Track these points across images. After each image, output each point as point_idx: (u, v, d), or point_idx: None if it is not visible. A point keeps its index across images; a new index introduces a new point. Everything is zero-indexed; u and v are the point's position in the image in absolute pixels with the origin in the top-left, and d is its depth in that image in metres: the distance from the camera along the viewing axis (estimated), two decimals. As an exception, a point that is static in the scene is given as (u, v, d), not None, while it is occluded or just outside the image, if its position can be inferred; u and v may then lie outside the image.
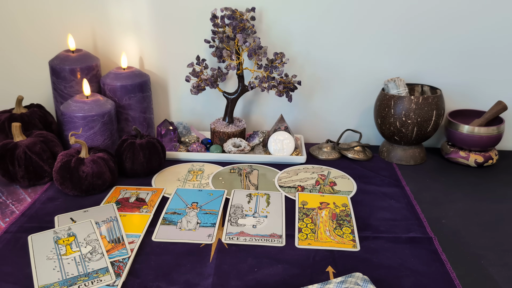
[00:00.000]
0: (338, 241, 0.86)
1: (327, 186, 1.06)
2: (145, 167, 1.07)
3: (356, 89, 1.26)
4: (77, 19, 1.22)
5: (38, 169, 1.02)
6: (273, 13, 1.20)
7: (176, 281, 0.75)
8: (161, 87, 1.29)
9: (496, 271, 0.79)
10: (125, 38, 1.24)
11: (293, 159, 1.17)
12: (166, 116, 1.32)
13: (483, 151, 1.17)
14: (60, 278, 0.75)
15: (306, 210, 0.96)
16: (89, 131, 1.09)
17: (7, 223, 0.90)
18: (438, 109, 1.13)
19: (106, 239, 0.85)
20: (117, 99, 1.17)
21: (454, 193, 1.05)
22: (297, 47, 1.23)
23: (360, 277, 0.72)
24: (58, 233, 0.86)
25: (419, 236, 0.88)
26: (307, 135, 1.32)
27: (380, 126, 1.19)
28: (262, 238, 0.86)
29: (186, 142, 1.23)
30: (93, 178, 0.99)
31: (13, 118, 1.12)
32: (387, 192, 1.04)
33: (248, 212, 0.94)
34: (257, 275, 0.77)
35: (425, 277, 0.77)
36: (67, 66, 1.15)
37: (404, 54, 1.22)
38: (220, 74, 1.19)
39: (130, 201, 0.98)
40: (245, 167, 1.15)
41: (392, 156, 1.20)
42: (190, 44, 1.23)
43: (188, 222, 0.91)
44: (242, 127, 1.23)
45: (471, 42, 1.19)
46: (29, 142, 1.02)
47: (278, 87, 1.15)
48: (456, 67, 1.22)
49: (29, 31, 1.24)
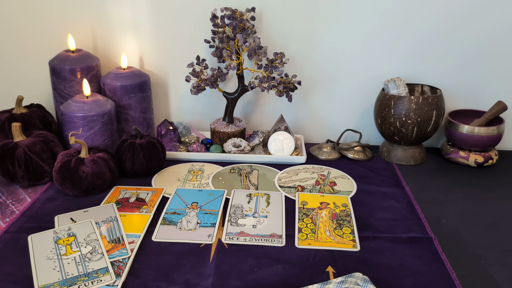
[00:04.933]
0: (338, 241, 0.86)
1: (327, 186, 1.06)
2: (145, 167, 1.07)
3: (356, 89, 1.26)
4: (77, 19, 1.22)
5: (38, 169, 1.02)
6: (273, 13, 1.20)
7: (176, 281, 0.75)
8: (161, 87, 1.29)
9: (496, 271, 0.79)
10: (125, 38, 1.24)
11: (293, 159, 1.17)
12: (166, 116, 1.32)
13: (483, 151, 1.17)
14: (60, 278, 0.75)
15: (306, 210, 0.96)
16: (89, 131, 1.09)
17: (7, 223, 0.90)
18: (438, 109, 1.13)
19: (106, 239, 0.85)
20: (117, 99, 1.17)
21: (454, 193, 1.05)
22: (297, 47, 1.23)
23: (360, 277, 0.72)
24: (58, 233, 0.86)
25: (419, 236, 0.88)
26: (307, 135, 1.32)
27: (380, 126, 1.19)
28: (262, 238, 0.86)
29: (186, 142, 1.23)
30: (93, 178, 0.99)
31: (13, 118, 1.12)
32: (387, 192, 1.04)
33: (248, 212, 0.94)
34: (257, 275, 0.77)
35: (425, 277, 0.77)
36: (67, 66, 1.15)
37: (404, 54, 1.22)
38: (220, 74, 1.19)
39: (130, 201, 0.98)
40: (245, 167, 1.15)
41: (392, 156, 1.20)
42: (190, 44, 1.23)
43: (188, 222, 0.91)
44: (242, 127, 1.23)
45: (471, 42, 1.19)
46: (29, 142, 1.02)
47: (278, 87, 1.15)
48: (456, 67, 1.22)
49: (29, 31, 1.24)
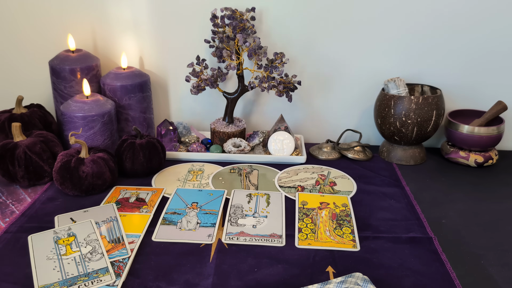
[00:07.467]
0: (338, 241, 0.86)
1: (327, 186, 1.06)
2: (145, 167, 1.07)
3: (356, 89, 1.26)
4: (77, 19, 1.22)
5: (38, 169, 1.02)
6: (273, 13, 1.20)
7: (176, 281, 0.75)
8: (161, 87, 1.29)
9: (496, 271, 0.79)
10: (125, 38, 1.24)
11: (293, 159, 1.17)
12: (166, 116, 1.32)
13: (483, 151, 1.17)
14: (60, 278, 0.75)
15: (306, 210, 0.96)
16: (89, 131, 1.09)
17: (7, 223, 0.90)
18: (438, 109, 1.13)
19: (106, 239, 0.85)
20: (117, 99, 1.17)
21: (454, 193, 1.05)
22: (297, 47, 1.23)
23: (360, 277, 0.72)
24: (58, 233, 0.86)
25: (419, 236, 0.88)
26: (307, 135, 1.32)
27: (380, 126, 1.19)
28: (262, 238, 0.86)
29: (186, 142, 1.23)
30: (93, 178, 0.99)
31: (13, 118, 1.12)
32: (387, 192, 1.04)
33: (248, 212, 0.94)
34: (257, 275, 0.77)
35: (425, 277, 0.77)
36: (67, 66, 1.15)
37: (404, 54, 1.22)
38: (220, 74, 1.19)
39: (130, 201, 0.98)
40: (245, 167, 1.15)
41: (392, 156, 1.20)
42: (190, 44, 1.23)
43: (188, 222, 0.91)
44: (242, 127, 1.23)
45: (471, 42, 1.19)
46: (29, 142, 1.02)
47: (278, 87, 1.15)
48: (456, 67, 1.22)
49: (29, 31, 1.24)
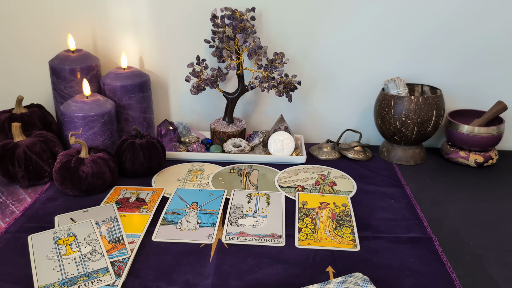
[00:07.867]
0: (338, 241, 0.86)
1: (327, 186, 1.06)
2: (145, 167, 1.07)
3: (356, 89, 1.26)
4: (77, 19, 1.22)
5: (38, 169, 1.02)
6: (273, 13, 1.20)
7: (176, 281, 0.75)
8: (161, 87, 1.29)
9: (496, 271, 0.79)
10: (125, 38, 1.24)
11: (293, 159, 1.17)
12: (166, 116, 1.32)
13: (483, 151, 1.17)
14: (60, 278, 0.75)
15: (306, 210, 0.96)
16: (89, 131, 1.09)
17: (7, 223, 0.90)
18: (438, 109, 1.13)
19: (106, 239, 0.85)
20: (117, 99, 1.17)
21: (454, 193, 1.05)
22: (297, 47, 1.23)
23: (360, 277, 0.72)
24: (58, 233, 0.86)
25: (419, 236, 0.88)
26: (307, 135, 1.32)
27: (380, 126, 1.19)
28: (262, 238, 0.86)
29: (186, 142, 1.23)
30: (93, 178, 0.99)
31: (13, 118, 1.12)
32: (387, 192, 1.04)
33: (248, 212, 0.94)
34: (257, 275, 0.77)
35: (425, 277, 0.77)
36: (67, 66, 1.15)
37: (404, 54, 1.22)
38: (220, 74, 1.19)
39: (130, 201, 0.98)
40: (245, 167, 1.15)
41: (392, 156, 1.20)
42: (190, 44, 1.23)
43: (188, 222, 0.91)
44: (242, 127, 1.23)
45: (471, 42, 1.19)
46: (29, 142, 1.02)
47: (278, 87, 1.15)
48: (456, 67, 1.22)
49: (30, 31, 1.24)
